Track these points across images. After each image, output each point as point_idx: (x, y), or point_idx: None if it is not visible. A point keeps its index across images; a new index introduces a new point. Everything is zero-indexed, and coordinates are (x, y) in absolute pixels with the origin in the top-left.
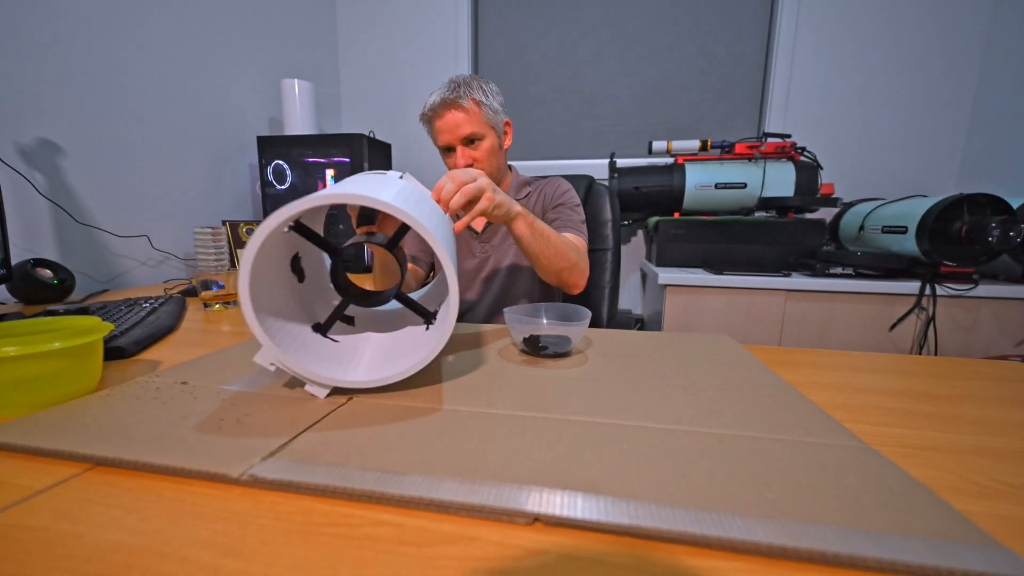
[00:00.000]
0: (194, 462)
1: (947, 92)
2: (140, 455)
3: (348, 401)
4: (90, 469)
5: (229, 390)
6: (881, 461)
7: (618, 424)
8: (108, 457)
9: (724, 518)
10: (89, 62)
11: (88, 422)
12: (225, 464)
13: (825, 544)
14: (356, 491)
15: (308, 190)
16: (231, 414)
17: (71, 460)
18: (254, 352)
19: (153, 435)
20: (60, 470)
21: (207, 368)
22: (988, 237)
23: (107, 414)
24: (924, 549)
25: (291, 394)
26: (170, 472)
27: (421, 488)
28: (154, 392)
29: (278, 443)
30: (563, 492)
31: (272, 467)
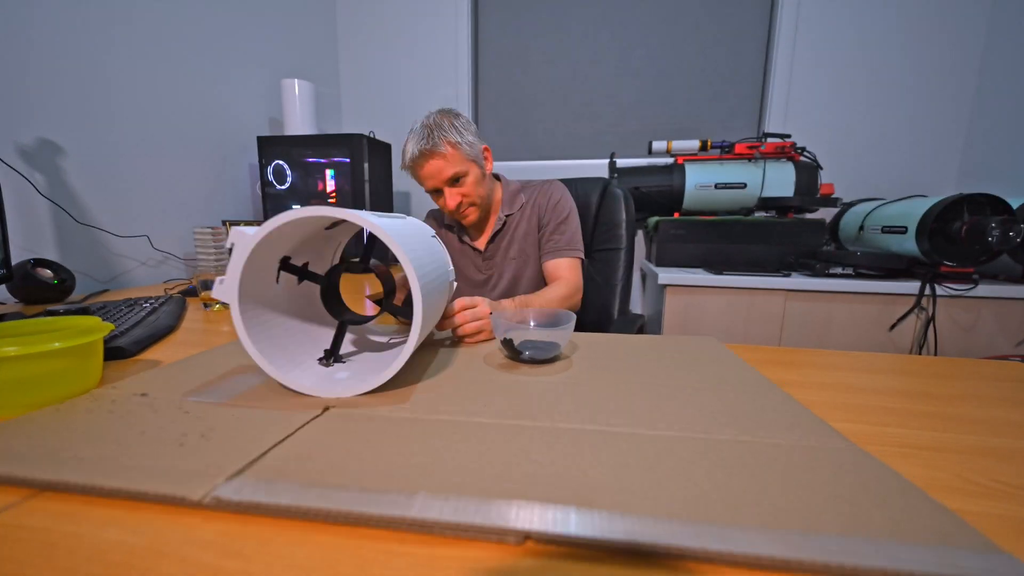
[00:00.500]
0: (150, 485)
1: (947, 92)
2: (89, 478)
3: (324, 412)
4: (35, 495)
5: (193, 402)
6: (873, 463)
7: (609, 431)
8: (52, 481)
9: (724, 531)
10: (89, 62)
11: (35, 440)
12: (185, 486)
13: (828, 555)
14: (332, 512)
15: (308, 190)
16: (194, 428)
17: (8, 485)
18: (221, 359)
19: (106, 455)
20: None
21: (168, 379)
22: (988, 237)
23: (55, 431)
24: (926, 556)
25: (261, 405)
26: (122, 495)
27: (402, 507)
28: (109, 406)
29: (245, 460)
30: (555, 507)
31: (238, 488)
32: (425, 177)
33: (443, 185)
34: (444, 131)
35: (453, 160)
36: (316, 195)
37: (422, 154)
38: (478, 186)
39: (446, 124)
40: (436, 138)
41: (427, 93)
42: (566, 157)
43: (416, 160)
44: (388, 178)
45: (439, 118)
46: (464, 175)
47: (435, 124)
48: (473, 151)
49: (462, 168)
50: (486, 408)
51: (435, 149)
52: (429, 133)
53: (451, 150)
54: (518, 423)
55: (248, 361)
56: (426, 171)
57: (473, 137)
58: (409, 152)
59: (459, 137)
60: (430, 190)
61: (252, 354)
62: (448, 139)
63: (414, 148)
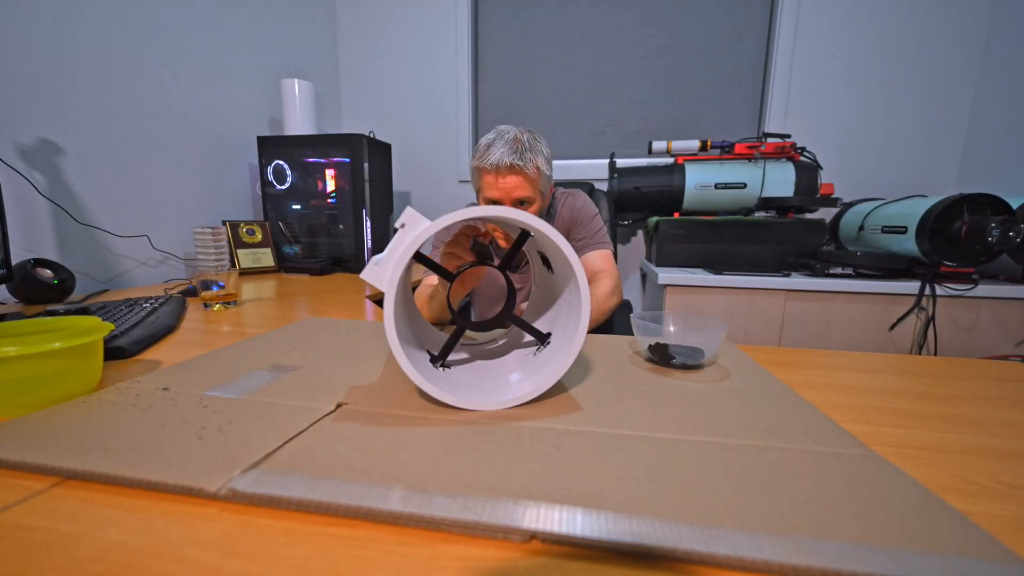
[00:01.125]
0: (169, 475)
1: (947, 92)
2: (112, 468)
3: (336, 409)
4: (60, 483)
5: (212, 396)
6: (892, 471)
7: (617, 434)
8: (78, 470)
9: (732, 535)
10: (89, 62)
11: (61, 431)
12: (203, 478)
13: (840, 562)
14: (343, 506)
15: (308, 190)
16: (213, 422)
17: (39, 473)
18: (240, 355)
19: (128, 445)
20: (29, 483)
21: (190, 373)
22: (988, 237)
23: (82, 422)
24: (944, 567)
25: (277, 401)
26: (143, 486)
27: (411, 503)
28: (133, 399)
29: (261, 454)
30: (561, 507)
31: (253, 480)
32: (498, 187)
33: (508, 202)
34: (535, 154)
35: (531, 184)
36: (316, 195)
37: (511, 167)
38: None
39: (538, 147)
40: (528, 157)
41: (427, 93)
42: (566, 157)
43: (500, 169)
44: (388, 178)
45: (532, 138)
46: (531, 202)
47: (528, 143)
48: (546, 184)
49: (533, 194)
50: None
51: (524, 167)
52: (522, 149)
53: (535, 174)
54: (527, 424)
55: (263, 358)
56: (503, 183)
57: (550, 171)
58: (495, 157)
59: (544, 167)
60: (490, 199)
61: (398, 356)
62: (537, 163)
63: (503, 156)
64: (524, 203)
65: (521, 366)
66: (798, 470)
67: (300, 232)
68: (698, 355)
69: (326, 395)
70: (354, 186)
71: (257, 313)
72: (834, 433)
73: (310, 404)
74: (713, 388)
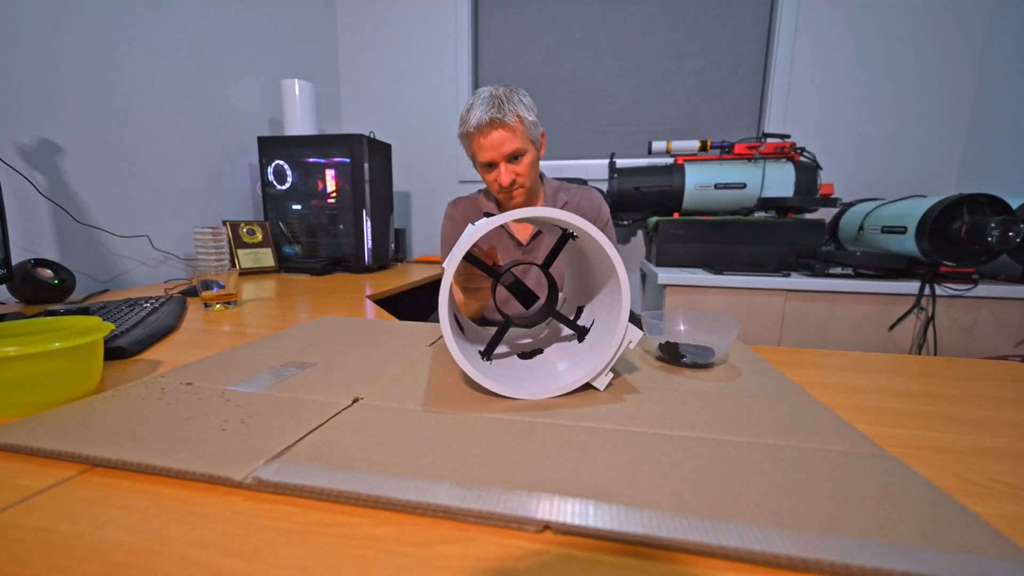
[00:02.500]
0: (197, 465)
1: (947, 92)
2: (143, 457)
3: (354, 403)
4: (89, 470)
5: (234, 391)
6: (904, 470)
7: (628, 430)
8: (110, 459)
9: (741, 528)
10: (89, 62)
11: (92, 422)
12: (229, 467)
13: (849, 557)
14: (362, 496)
15: (308, 190)
16: (235, 415)
17: (73, 461)
18: (258, 353)
19: (157, 436)
20: (60, 471)
21: (212, 369)
22: (988, 237)
23: (112, 414)
24: (954, 563)
25: (296, 395)
26: (173, 475)
27: (428, 494)
28: (159, 393)
29: (282, 445)
30: (574, 500)
31: (276, 470)
32: (486, 147)
33: (501, 159)
34: (513, 104)
35: (518, 134)
36: (316, 195)
37: (491, 122)
38: (532, 168)
39: (515, 98)
40: (505, 108)
41: (427, 93)
42: (566, 157)
43: (481, 127)
44: (388, 178)
45: (507, 91)
46: (523, 153)
47: (504, 95)
48: (535, 132)
49: (523, 145)
50: (509, 403)
51: (504, 119)
52: (499, 103)
53: (518, 123)
54: (540, 420)
55: (281, 355)
56: (489, 140)
57: (535, 118)
58: (475, 118)
59: (526, 113)
60: (485, 162)
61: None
62: (517, 112)
63: (482, 115)
64: (517, 157)
65: (565, 357)
66: (809, 468)
67: (300, 232)
68: (708, 354)
69: (343, 390)
70: (354, 186)
71: (257, 313)
72: (846, 432)
73: (328, 399)
74: (724, 386)
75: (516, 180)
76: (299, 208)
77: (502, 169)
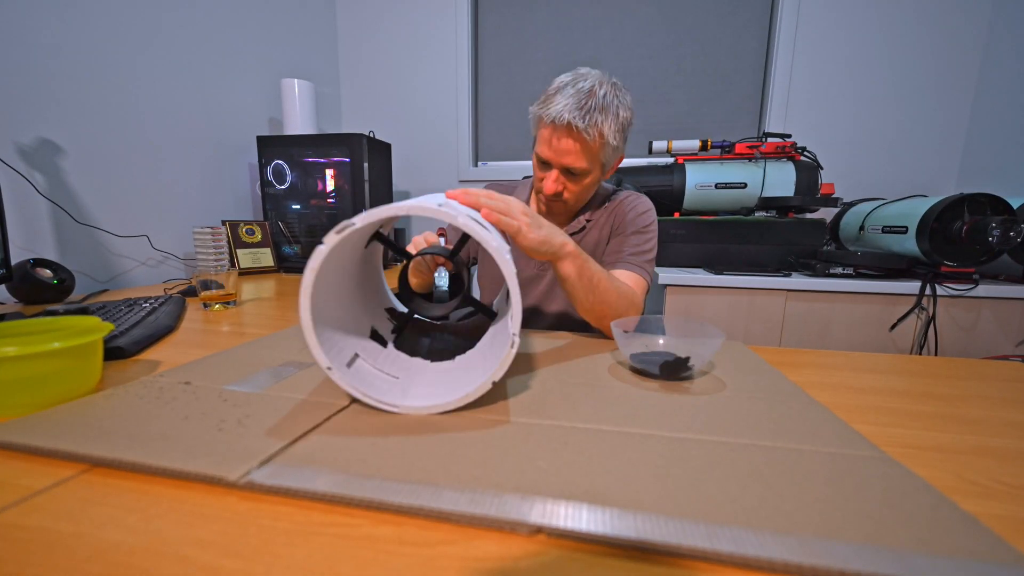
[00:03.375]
0: (193, 465)
1: (947, 92)
2: (139, 456)
3: (350, 404)
4: (88, 470)
5: (232, 391)
6: (903, 472)
7: (625, 432)
8: (106, 458)
9: (736, 532)
10: (89, 62)
11: (90, 421)
12: (224, 467)
13: (845, 562)
14: (355, 499)
15: (308, 190)
16: (232, 415)
17: (70, 460)
18: (256, 352)
19: (153, 436)
20: (60, 471)
21: (210, 368)
22: (988, 237)
23: (109, 414)
24: (951, 569)
25: (293, 395)
26: (168, 474)
27: (422, 497)
28: (157, 392)
29: (278, 447)
30: (567, 503)
31: (271, 472)
32: (549, 144)
33: (558, 166)
34: (606, 116)
35: (589, 153)
36: (316, 195)
37: (567, 127)
38: (586, 191)
39: (611, 110)
40: (592, 120)
41: (427, 93)
42: None
43: (558, 126)
44: (388, 178)
45: (612, 96)
46: (585, 173)
47: (603, 101)
48: (611, 155)
49: (589, 165)
50: (504, 407)
51: (583, 132)
52: (590, 108)
53: (597, 142)
54: (536, 422)
55: (280, 355)
56: (556, 143)
57: (621, 142)
58: (556, 109)
59: (611, 135)
60: (540, 156)
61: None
62: (601, 129)
63: (564, 112)
64: (576, 174)
65: (452, 368)
66: (807, 471)
67: (300, 232)
68: (684, 367)
69: (340, 391)
70: (354, 186)
71: (257, 313)
72: (845, 434)
73: (325, 400)
74: (721, 388)
75: (563, 194)
76: (298, 208)
77: (552, 176)
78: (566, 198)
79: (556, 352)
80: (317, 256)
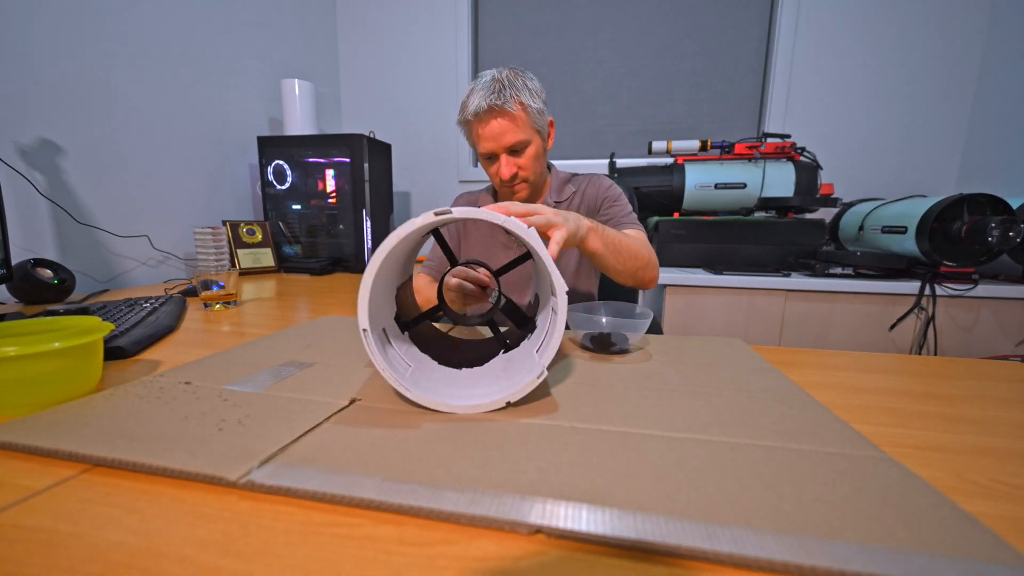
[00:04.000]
0: (192, 464)
1: (947, 92)
2: (138, 456)
3: (350, 404)
4: (88, 470)
5: (232, 391)
6: (902, 472)
7: (625, 432)
8: (106, 458)
9: (736, 532)
10: (89, 62)
11: (90, 421)
12: (224, 467)
13: (844, 563)
14: (355, 499)
15: (308, 190)
16: (232, 415)
17: (70, 460)
18: (257, 352)
19: (153, 436)
20: (60, 471)
21: (211, 368)
22: (988, 237)
23: (109, 413)
24: (951, 569)
25: (293, 395)
26: (168, 474)
27: (421, 497)
28: (157, 392)
29: (278, 446)
30: (567, 503)
31: (271, 472)
32: (484, 137)
33: (502, 151)
34: (516, 89)
35: (520, 124)
36: (316, 195)
37: (489, 109)
38: (536, 161)
39: (519, 83)
40: (507, 95)
41: (427, 93)
42: (566, 157)
43: (480, 115)
44: (388, 178)
45: (511, 75)
46: (526, 144)
47: (507, 81)
48: (540, 120)
49: (526, 136)
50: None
51: (504, 106)
52: (500, 88)
53: (520, 111)
54: (536, 422)
55: (280, 355)
56: (488, 130)
57: (542, 105)
58: (473, 105)
59: (531, 100)
60: (485, 153)
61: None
62: (520, 99)
63: (480, 101)
64: (519, 149)
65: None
66: (807, 471)
67: (300, 232)
68: (624, 341)
69: (340, 391)
70: (354, 186)
71: (257, 313)
72: (845, 434)
73: (325, 399)
74: (724, 386)
75: (518, 174)
76: (299, 208)
77: (502, 161)
78: (523, 175)
79: None
80: (410, 225)
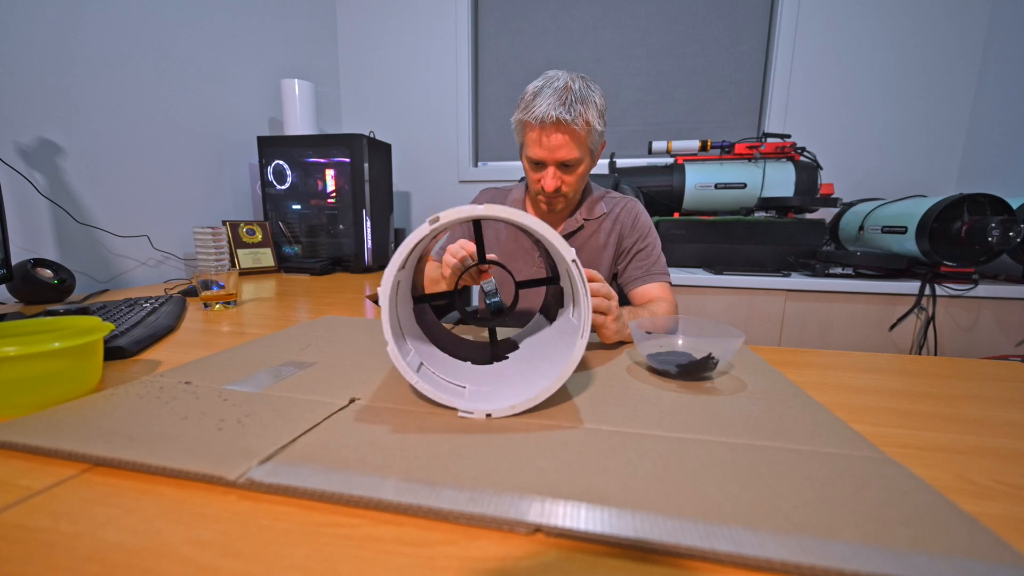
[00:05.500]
0: (192, 464)
1: (947, 92)
2: (138, 456)
3: (350, 404)
4: (89, 470)
5: (231, 390)
6: (902, 472)
7: (624, 432)
8: (106, 457)
9: (735, 532)
10: (89, 62)
11: (90, 421)
12: (223, 467)
13: (843, 562)
14: (355, 498)
15: (308, 190)
16: (232, 415)
17: (71, 460)
18: (256, 352)
19: (153, 435)
20: (60, 470)
21: (211, 368)
22: (988, 237)
23: (109, 413)
24: (950, 568)
25: (293, 395)
26: (167, 473)
27: (420, 495)
28: (157, 392)
29: (277, 445)
30: (566, 502)
31: (270, 471)
32: (541, 146)
33: (553, 163)
34: (586, 106)
35: (579, 142)
36: (316, 195)
37: (556, 123)
38: (581, 180)
39: (591, 99)
40: (577, 110)
41: (427, 93)
42: None
43: (545, 125)
44: (388, 178)
45: (584, 87)
46: (579, 163)
47: (580, 94)
48: (597, 141)
49: (580, 155)
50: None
51: (572, 123)
52: (571, 101)
53: (584, 131)
54: (536, 422)
55: (280, 354)
56: (549, 141)
57: (604, 126)
58: (540, 110)
59: (596, 120)
60: (533, 159)
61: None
62: (587, 117)
63: (549, 109)
64: (570, 165)
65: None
66: (806, 471)
67: (300, 232)
68: (706, 367)
69: (340, 390)
70: (354, 186)
71: (257, 313)
72: (844, 434)
73: (324, 399)
74: (724, 391)
75: (561, 188)
76: (299, 208)
77: (549, 173)
78: (564, 191)
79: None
80: (453, 214)
